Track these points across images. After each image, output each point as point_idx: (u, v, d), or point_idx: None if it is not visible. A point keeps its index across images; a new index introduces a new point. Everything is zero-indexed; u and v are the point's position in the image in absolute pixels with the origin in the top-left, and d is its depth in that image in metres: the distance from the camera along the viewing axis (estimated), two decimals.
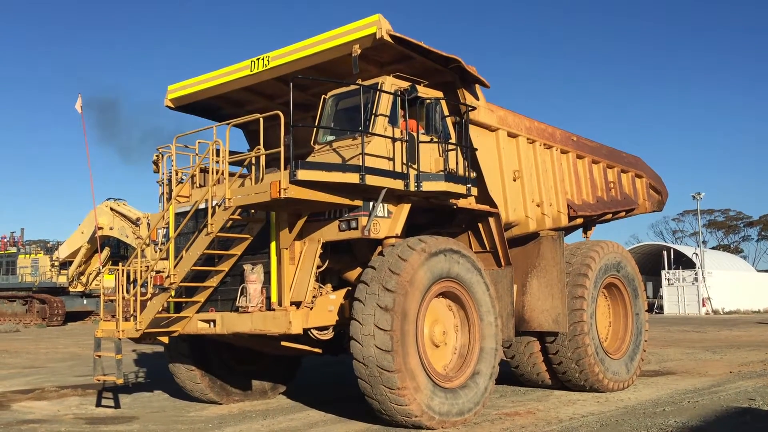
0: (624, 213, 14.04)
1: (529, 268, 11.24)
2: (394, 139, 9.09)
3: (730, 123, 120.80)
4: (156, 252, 10.00)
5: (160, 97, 11.42)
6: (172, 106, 11.34)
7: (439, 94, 9.91)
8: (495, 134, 10.65)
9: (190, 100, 11.14)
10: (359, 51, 8.89)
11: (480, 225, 10.22)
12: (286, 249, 8.93)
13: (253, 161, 9.05)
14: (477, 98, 10.17)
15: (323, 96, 10.01)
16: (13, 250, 41.18)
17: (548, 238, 11.22)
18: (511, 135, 10.93)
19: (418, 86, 9.47)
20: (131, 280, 9.46)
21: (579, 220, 12.30)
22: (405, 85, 9.47)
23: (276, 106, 10.68)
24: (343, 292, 9.28)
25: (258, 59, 9.99)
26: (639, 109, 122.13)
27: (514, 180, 10.87)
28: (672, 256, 49.14)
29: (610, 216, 13.41)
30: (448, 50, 9.49)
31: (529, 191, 11.13)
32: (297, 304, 8.78)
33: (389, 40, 8.80)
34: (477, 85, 10.18)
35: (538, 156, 11.51)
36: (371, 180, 8.53)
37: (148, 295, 9.21)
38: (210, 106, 11.49)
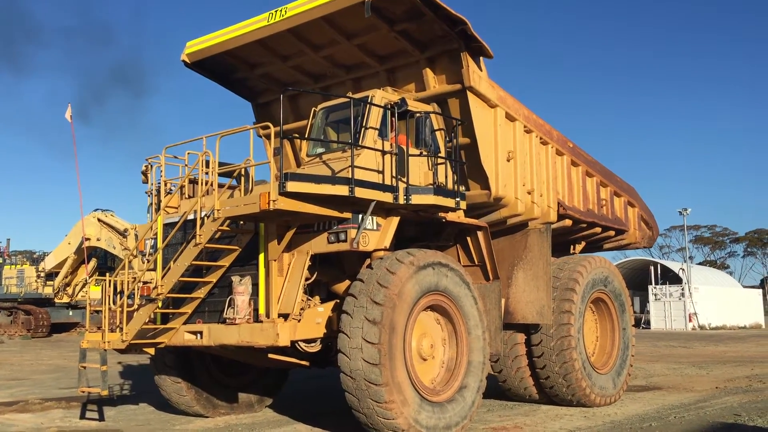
0: (614, 233, 14.03)
1: (516, 261, 11.26)
2: (383, 152, 9.12)
3: (716, 139, 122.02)
4: (143, 263, 9.95)
5: None
6: (188, 61, 11.25)
7: (429, 108, 9.96)
8: (494, 111, 10.58)
9: (205, 54, 11.02)
10: None
11: (469, 239, 10.24)
12: (275, 261, 8.91)
13: (243, 172, 9.05)
14: (480, 68, 10.16)
15: (313, 108, 10.05)
16: None
17: (536, 231, 11.26)
18: (509, 117, 10.90)
19: (408, 99, 9.51)
20: (118, 291, 9.40)
21: (568, 222, 12.25)
22: (395, 98, 9.51)
23: (287, 69, 10.87)
24: (331, 304, 9.25)
25: (276, 11, 10.00)
26: (625, 124, 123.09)
27: (508, 160, 10.79)
28: (659, 272, 49.39)
29: (599, 229, 13.40)
30: None
31: (521, 175, 11.05)
32: (285, 316, 8.74)
33: None
34: (481, 58, 10.16)
35: (533, 147, 11.48)
36: (360, 192, 8.54)
37: (135, 306, 9.16)
38: (224, 66, 11.43)
